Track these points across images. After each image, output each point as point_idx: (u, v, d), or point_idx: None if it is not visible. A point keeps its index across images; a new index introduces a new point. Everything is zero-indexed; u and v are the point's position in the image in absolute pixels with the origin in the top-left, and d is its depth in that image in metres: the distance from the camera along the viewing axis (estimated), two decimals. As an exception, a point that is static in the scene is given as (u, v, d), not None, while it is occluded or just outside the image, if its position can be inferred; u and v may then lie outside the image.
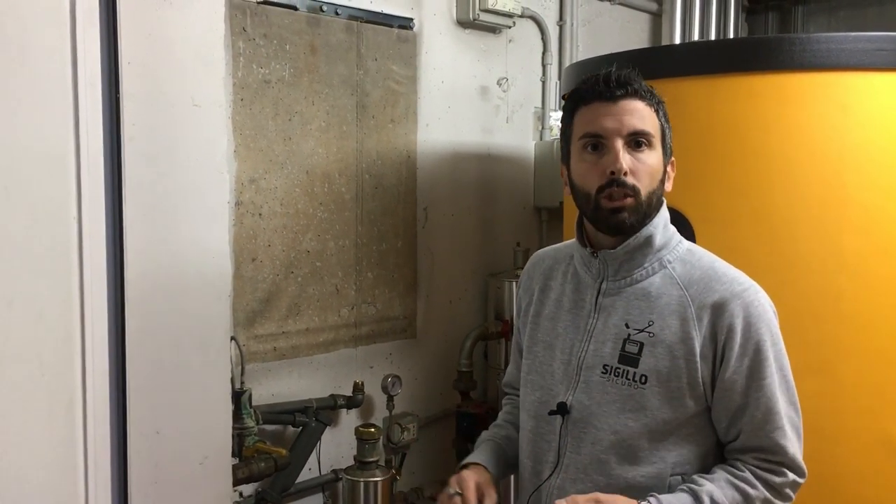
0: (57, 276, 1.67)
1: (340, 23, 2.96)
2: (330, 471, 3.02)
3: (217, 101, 1.92)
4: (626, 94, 1.44)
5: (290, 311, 2.88)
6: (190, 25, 1.86)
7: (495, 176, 3.65)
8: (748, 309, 1.44)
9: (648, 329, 1.45)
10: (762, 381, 1.43)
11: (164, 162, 1.83)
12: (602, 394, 1.47)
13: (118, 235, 1.76)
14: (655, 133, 1.45)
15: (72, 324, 1.69)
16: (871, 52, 2.15)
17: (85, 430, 1.71)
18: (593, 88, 1.46)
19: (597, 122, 1.43)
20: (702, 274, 1.47)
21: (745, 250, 2.23)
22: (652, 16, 4.42)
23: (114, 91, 1.74)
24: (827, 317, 2.20)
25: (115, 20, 1.72)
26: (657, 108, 1.47)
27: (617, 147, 1.41)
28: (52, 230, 1.66)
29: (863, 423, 2.19)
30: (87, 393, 1.71)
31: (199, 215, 1.91)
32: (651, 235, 1.47)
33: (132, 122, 1.76)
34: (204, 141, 1.90)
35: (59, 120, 1.65)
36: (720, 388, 1.44)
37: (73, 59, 1.66)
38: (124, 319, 1.78)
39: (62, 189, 1.66)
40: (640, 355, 1.45)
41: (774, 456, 1.43)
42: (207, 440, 1.95)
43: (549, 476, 1.53)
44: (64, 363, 1.68)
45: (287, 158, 2.83)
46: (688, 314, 1.44)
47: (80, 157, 1.67)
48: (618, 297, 1.50)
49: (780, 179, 2.23)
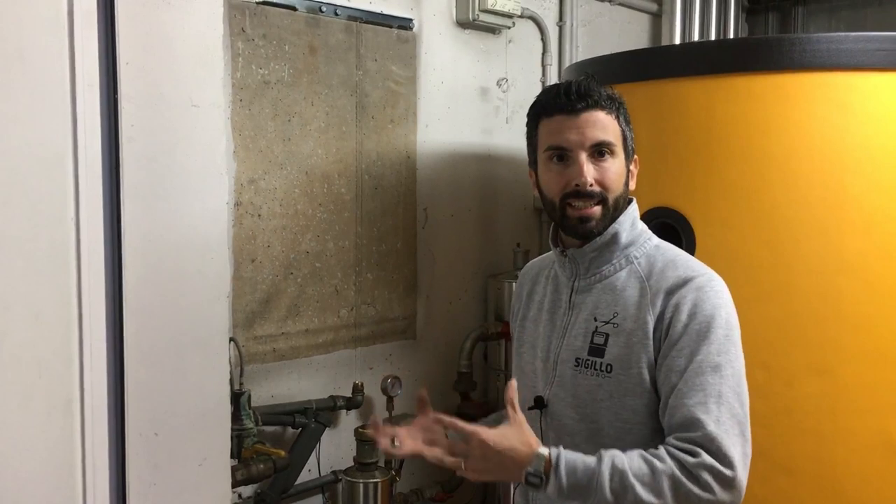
0: (55, 277, 1.66)
1: (340, 23, 2.96)
2: (329, 472, 3.01)
3: (216, 102, 1.92)
4: (587, 105, 1.49)
5: (289, 312, 2.88)
6: (189, 26, 1.86)
7: (495, 177, 3.64)
8: (698, 292, 1.46)
9: (613, 320, 1.52)
10: (701, 365, 1.39)
11: (163, 163, 1.83)
12: (574, 386, 1.53)
13: (116, 236, 1.75)
14: (617, 140, 1.52)
15: (70, 325, 1.68)
16: (872, 52, 2.15)
17: (83, 431, 1.70)
18: (555, 101, 1.52)
19: (560, 136, 1.51)
20: (663, 265, 1.53)
21: (746, 251, 2.23)
22: (652, 16, 4.42)
23: (112, 92, 1.74)
24: (827, 317, 2.19)
25: (113, 21, 1.72)
26: (617, 115, 1.53)
27: (581, 159, 1.49)
28: (50, 231, 1.65)
29: (863, 423, 2.18)
30: (85, 394, 1.70)
31: (199, 216, 1.90)
32: (616, 233, 1.54)
33: (131, 122, 1.76)
34: (203, 142, 1.90)
35: (58, 121, 1.65)
36: (663, 367, 1.43)
37: (71, 60, 1.66)
38: (122, 320, 1.77)
39: (60, 190, 1.66)
40: (605, 346, 1.51)
41: (690, 432, 1.34)
42: (206, 442, 1.95)
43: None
44: (62, 364, 1.68)
45: (286, 159, 2.83)
46: (644, 301, 1.49)
47: (79, 158, 1.67)
48: (588, 294, 1.57)
49: (780, 180, 2.23)
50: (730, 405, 1.37)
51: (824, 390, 2.17)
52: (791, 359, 2.18)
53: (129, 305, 1.78)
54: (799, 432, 2.18)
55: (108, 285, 1.75)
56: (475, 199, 3.57)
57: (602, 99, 1.51)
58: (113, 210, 1.75)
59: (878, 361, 2.19)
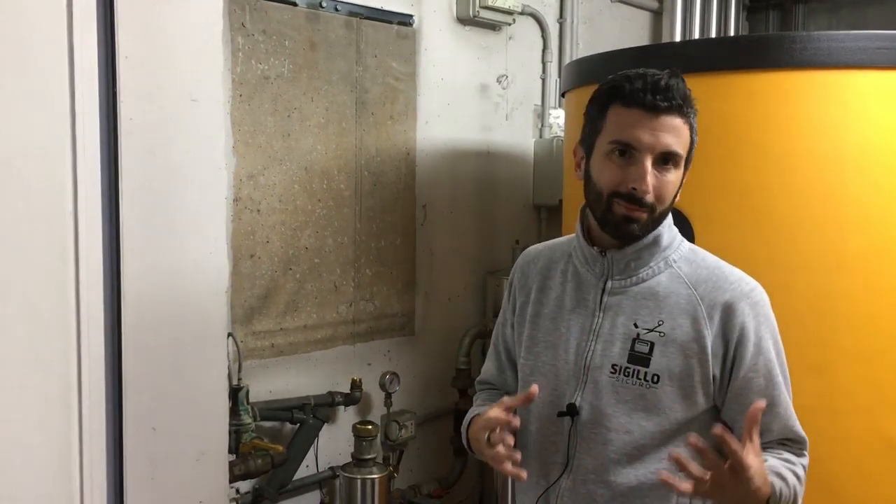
0: (53, 271, 1.66)
1: (340, 19, 2.96)
2: (327, 468, 3.02)
3: (215, 97, 1.91)
4: (670, 108, 1.39)
5: (287, 308, 2.88)
6: (188, 20, 1.85)
7: (494, 173, 3.64)
8: (756, 308, 1.46)
9: (659, 328, 1.45)
10: (776, 380, 1.49)
11: (162, 157, 1.83)
12: (612, 394, 1.46)
13: (115, 231, 1.75)
14: (684, 152, 1.43)
15: (68, 319, 1.68)
16: (872, 50, 2.14)
17: (80, 426, 1.70)
18: (638, 94, 1.39)
19: (632, 133, 1.39)
20: (709, 273, 1.48)
21: (745, 249, 2.23)
22: (652, 14, 4.42)
23: (111, 86, 1.73)
24: (825, 315, 2.19)
25: (112, 14, 1.72)
26: (691, 124, 1.44)
27: (646, 164, 1.39)
28: (48, 225, 1.65)
29: (862, 422, 2.18)
30: (83, 389, 1.70)
31: (197, 211, 1.90)
32: (659, 235, 1.48)
33: (129, 117, 1.76)
34: (202, 136, 1.89)
35: (56, 115, 1.65)
36: (735, 388, 1.46)
37: (69, 53, 1.65)
38: (120, 315, 1.77)
39: (59, 184, 1.65)
40: (650, 355, 1.44)
41: (800, 444, 1.52)
42: (204, 437, 1.95)
43: (558, 478, 1.52)
44: (59, 359, 1.68)
45: (286, 155, 2.83)
46: (698, 313, 1.44)
47: (77, 152, 1.66)
48: (624, 297, 1.49)
49: (779, 178, 2.23)
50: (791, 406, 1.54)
51: (822, 389, 2.17)
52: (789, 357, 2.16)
53: (128, 300, 1.78)
54: (797, 430, 2.18)
55: (106, 280, 1.75)
56: (474, 195, 3.57)
57: (685, 104, 1.41)
58: (111, 204, 1.75)
59: (876, 360, 2.18)
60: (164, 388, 1.86)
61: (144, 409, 1.82)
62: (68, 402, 1.69)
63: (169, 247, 1.85)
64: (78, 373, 1.70)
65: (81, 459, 1.71)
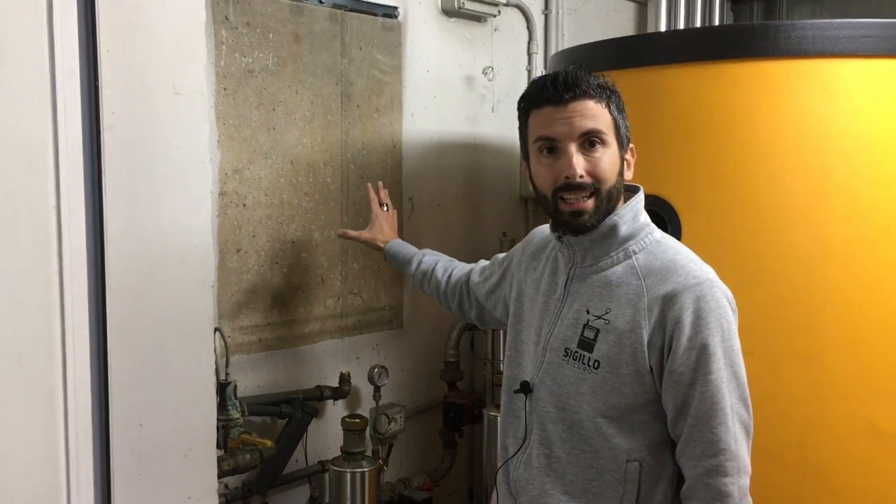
0: (36, 266, 1.64)
1: (324, 11, 2.94)
2: (316, 462, 3.01)
3: (199, 90, 1.90)
4: (575, 95, 1.47)
5: (275, 302, 2.87)
6: (171, 13, 1.83)
7: (481, 166, 3.64)
8: (699, 303, 1.45)
9: (605, 316, 1.50)
10: (708, 377, 1.44)
11: (145, 151, 1.81)
12: (562, 376, 1.54)
13: (98, 225, 1.73)
14: (608, 129, 1.49)
15: (52, 315, 1.66)
16: (856, 38, 2.15)
17: (66, 422, 1.69)
18: (543, 92, 1.50)
19: (548, 127, 1.49)
20: (661, 265, 1.50)
21: (731, 239, 2.24)
22: (637, 4, 4.42)
23: (93, 79, 1.71)
24: (812, 304, 2.20)
25: (93, 7, 1.69)
26: (608, 103, 1.50)
27: (570, 151, 1.46)
28: (30, 219, 1.63)
29: (848, 410, 2.20)
30: (68, 385, 1.68)
31: (182, 205, 1.88)
32: (615, 225, 1.51)
33: (112, 110, 1.74)
34: (185, 130, 1.88)
35: (37, 109, 1.62)
36: (667, 380, 1.47)
37: (50, 46, 1.63)
38: (105, 310, 1.76)
39: (40, 178, 1.64)
40: (595, 341, 1.50)
41: (715, 451, 1.43)
42: (192, 432, 1.94)
43: (515, 452, 1.61)
44: (44, 355, 1.66)
45: (271, 148, 2.81)
46: (640, 304, 1.47)
47: (59, 146, 1.64)
48: (583, 284, 1.56)
49: (765, 167, 2.23)
50: (742, 420, 1.46)
51: (809, 377, 2.19)
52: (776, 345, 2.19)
53: (113, 295, 1.76)
54: (783, 418, 2.19)
55: (90, 274, 1.73)
56: (461, 188, 3.56)
57: (591, 88, 1.48)
58: (94, 198, 1.73)
59: (863, 348, 2.20)
60: (151, 384, 1.84)
61: (131, 405, 1.81)
62: (53, 398, 1.67)
63: (154, 241, 1.84)
64: (63, 368, 1.68)
65: (68, 456, 1.69)
